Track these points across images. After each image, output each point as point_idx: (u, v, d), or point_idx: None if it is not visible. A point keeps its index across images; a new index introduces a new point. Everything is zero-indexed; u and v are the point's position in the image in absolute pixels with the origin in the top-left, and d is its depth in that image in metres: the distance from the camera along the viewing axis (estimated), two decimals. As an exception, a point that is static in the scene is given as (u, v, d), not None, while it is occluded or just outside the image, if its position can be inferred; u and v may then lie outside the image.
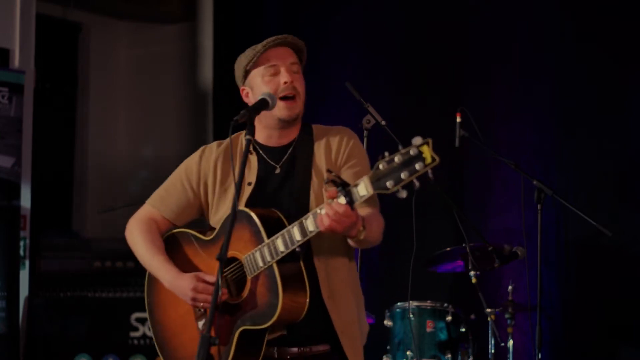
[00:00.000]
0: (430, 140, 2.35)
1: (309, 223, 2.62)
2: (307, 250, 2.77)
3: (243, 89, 2.98)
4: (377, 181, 2.43)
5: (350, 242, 2.76)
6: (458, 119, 4.44)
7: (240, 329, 2.77)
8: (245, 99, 2.97)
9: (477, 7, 5.61)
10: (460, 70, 5.64)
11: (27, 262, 6.17)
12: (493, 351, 4.65)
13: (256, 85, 2.91)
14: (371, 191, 2.45)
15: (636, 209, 4.99)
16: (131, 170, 7.78)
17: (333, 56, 6.17)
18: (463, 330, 4.59)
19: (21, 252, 6.12)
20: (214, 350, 2.73)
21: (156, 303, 3.07)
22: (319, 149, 2.91)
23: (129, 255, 6.61)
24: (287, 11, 6.58)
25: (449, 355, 4.53)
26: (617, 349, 5.05)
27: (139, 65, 7.82)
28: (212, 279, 2.80)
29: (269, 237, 2.71)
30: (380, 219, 2.81)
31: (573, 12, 5.23)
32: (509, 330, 4.60)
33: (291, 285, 2.70)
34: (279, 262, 2.70)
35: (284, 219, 2.76)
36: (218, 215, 2.94)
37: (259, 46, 2.93)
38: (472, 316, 4.66)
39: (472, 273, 4.53)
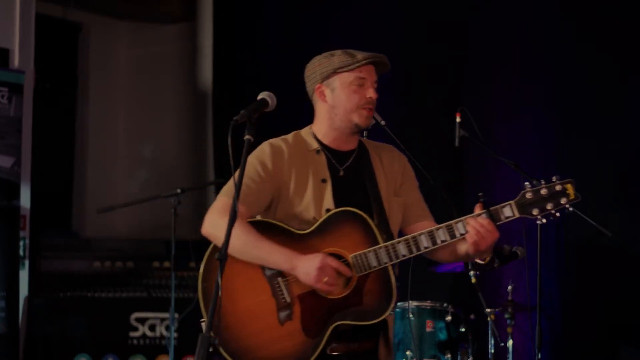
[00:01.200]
0: (573, 181, 2.83)
1: (441, 233, 2.89)
2: None
3: (319, 87, 3.06)
4: (522, 206, 2.85)
5: (462, 255, 3.02)
6: (458, 119, 4.44)
7: (337, 323, 2.87)
8: (320, 97, 3.07)
9: (477, 7, 5.61)
10: (460, 70, 5.64)
11: (27, 262, 6.17)
12: (493, 351, 4.65)
13: (338, 88, 3.03)
14: (517, 214, 2.86)
15: (636, 209, 4.99)
16: (131, 170, 7.78)
17: (333, 56, 6.16)
18: (463, 330, 4.59)
19: (21, 252, 6.12)
20: (298, 341, 2.87)
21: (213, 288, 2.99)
22: (376, 161, 3.10)
23: (129, 255, 6.68)
24: (287, 11, 6.58)
25: (449, 355, 4.53)
26: (617, 349, 5.05)
27: (139, 65, 7.82)
28: (336, 265, 2.85)
29: (382, 239, 2.89)
30: None
31: (573, 12, 5.23)
32: (509, 330, 4.60)
33: (396, 287, 2.91)
34: (393, 266, 2.90)
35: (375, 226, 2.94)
36: (297, 209, 2.98)
37: (359, 56, 3.07)
38: (472, 316, 4.66)
39: (471, 273, 4.53)
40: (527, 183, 2.84)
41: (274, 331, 2.91)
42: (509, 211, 2.86)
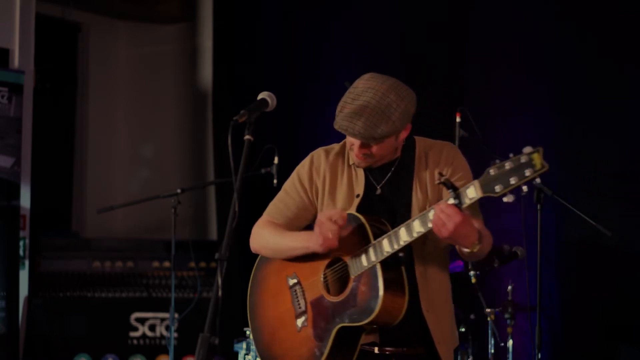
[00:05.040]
0: (541, 149, 2.47)
1: (417, 224, 2.71)
2: (409, 264, 2.86)
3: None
4: (486, 185, 2.54)
5: (462, 254, 2.84)
6: (458, 119, 4.44)
7: (339, 326, 2.86)
8: None
9: (477, 7, 5.61)
10: (460, 70, 5.64)
11: (27, 262, 6.17)
12: (493, 351, 4.65)
13: None
14: (480, 194, 2.56)
15: (636, 209, 4.99)
16: (131, 169, 7.78)
17: (332, 56, 6.17)
18: (463, 330, 4.59)
19: (21, 252, 6.12)
20: (310, 346, 2.91)
21: (257, 302, 3.14)
22: (421, 165, 2.96)
23: (129, 255, 6.67)
24: (286, 11, 6.58)
25: (449, 355, 4.52)
26: (616, 349, 5.05)
27: (138, 65, 7.82)
28: (328, 215, 2.82)
29: (375, 239, 2.80)
30: (488, 232, 2.88)
31: (573, 11, 5.23)
32: (509, 330, 4.60)
33: (391, 287, 2.78)
34: (383, 264, 2.78)
35: (390, 227, 2.83)
36: None
37: (337, 119, 2.85)
38: (472, 316, 4.66)
39: (471, 273, 4.52)
40: (497, 160, 2.55)
41: (295, 338, 2.98)
42: (472, 192, 2.57)
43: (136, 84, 7.81)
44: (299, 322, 2.98)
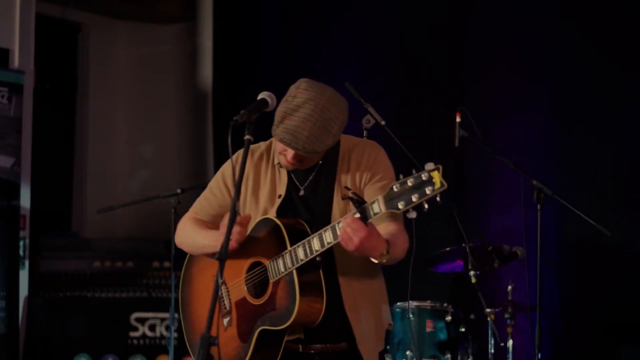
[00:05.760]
0: (440, 167, 2.49)
1: (328, 235, 2.76)
2: (331, 265, 2.90)
3: None
4: (390, 201, 2.59)
5: (374, 260, 2.84)
6: (458, 119, 4.44)
7: (260, 328, 2.90)
8: None
9: (477, 7, 5.61)
10: (460, 70, 5.64)
11: (27, 262, 6.17)
12: (493, 351, 4.65)
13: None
14: (384, 209, 2.61)
15: (636, 209, 4.99)
16: (131, 170, 7.78)
17: (332, 56, 6.17)
18: (463, 330, 4.59)
19: (21, 252, 6.12)
20: (235, 345, 2.95)
21: (187, 298, 3.19)
22: (343, 166, 2.98)
23: (129, 255, 6.67)
24: (286, 11, 6.58)
25: (449, 355, 4.53)
26: (616, 349, 5.05)
27: (138, 65, 7.82)
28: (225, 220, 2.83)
29: (292, 245, 2.84)
30: (403, 237, 2.89)
31: (573, 12, 5.24)
32: (509, 330, 4.60)
33: (308, 292, 2.84)
34: (299, 270, 2.83)
35: (308, 230, 2.88)
36: (253, 221, 3.01)
37: (278, 128, 2.86)
38: (472, 316, 4.66)
39: (471, 273, 4.52)
40: (401, 175, 2.58)
41: (221, 336, 2.97)
42: (377, 207, 2.63)
43: (136, 84, 7.80)
44: (225, 321, 3.03)
